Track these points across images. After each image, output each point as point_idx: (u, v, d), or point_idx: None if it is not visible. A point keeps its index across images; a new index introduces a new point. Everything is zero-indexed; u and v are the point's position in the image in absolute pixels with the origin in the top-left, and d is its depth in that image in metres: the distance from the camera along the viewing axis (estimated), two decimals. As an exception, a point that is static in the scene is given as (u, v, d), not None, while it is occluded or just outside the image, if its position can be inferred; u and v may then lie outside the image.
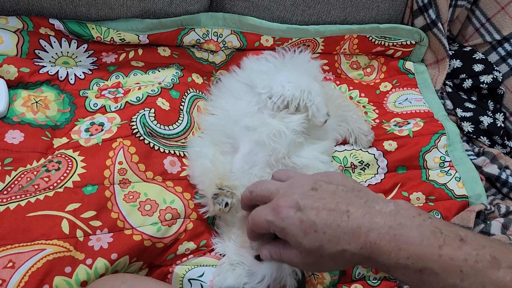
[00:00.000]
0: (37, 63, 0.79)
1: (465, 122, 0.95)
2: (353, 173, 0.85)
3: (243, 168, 0.72)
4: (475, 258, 0.41)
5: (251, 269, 0.65)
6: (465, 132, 0.95)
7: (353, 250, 0.46)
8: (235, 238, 0.68)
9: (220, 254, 0.68)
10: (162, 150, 0.73)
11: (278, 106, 0.75)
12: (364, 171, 0.85)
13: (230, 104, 0.79)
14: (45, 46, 0.80)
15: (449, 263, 0.42)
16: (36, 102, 0.75)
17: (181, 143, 0.77)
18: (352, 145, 0.87)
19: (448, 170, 0.84)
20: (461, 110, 0.97)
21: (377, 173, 0.85)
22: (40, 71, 0.78)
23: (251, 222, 0.56)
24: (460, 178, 0.83)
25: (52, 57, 0.82)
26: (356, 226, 0.46)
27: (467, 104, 0.98)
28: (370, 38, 1.01)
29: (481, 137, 0.94)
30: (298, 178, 0.55)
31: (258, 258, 0.63)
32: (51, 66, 0.81)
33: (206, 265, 0.67)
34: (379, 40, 1.02)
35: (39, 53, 0.80)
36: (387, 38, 1.02)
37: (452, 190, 0.82)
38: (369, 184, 0.82)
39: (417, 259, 0.43)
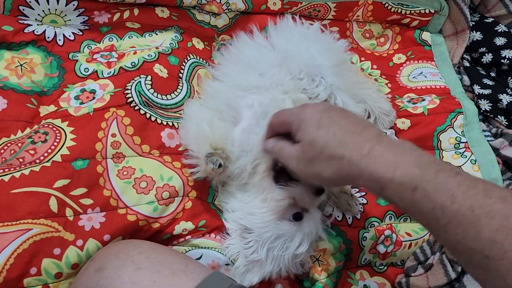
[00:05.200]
0: (21, 21, 0.72)
1: (482, 99, 0.90)
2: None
3: (242, 142, 0.67)
4: (467, 187, 0.42)
5: (283, 233, 0.61)
6: (482, 111, 0.90)
7: (353, 158, 0.47)
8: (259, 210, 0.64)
9: (231, 260, 0.63)
10: (159, 121, 0.67)
11: (300, 86, 0.72)
12: (374, 150, 0.80)
13: (241, 73, 0.73)
14: (30, 2, 0.73)
15: (442, 185, 0.42)
16: (21, 65, 0.68)
17: (180, 114, 0.71)
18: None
19: (464, 152, 0.80)
20: (479, 87, 0.92)
21: (387, 153, 0.80)
22: (25, 30, 0.72)
23: (274, 118, 0.59)
24: (476, 161, 0.78)
25: (39, 14, 0.75)
26: (365, 140, 0.48)
27: (486, 81, 0.93)
28: (386, 4, 0.94)
29: (499, 116, 0.88)
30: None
31: (296, 217, 0.62)
32: (38, 25, 0.74)
33: (204, 247, 0.63)
34: (395, 7, 0.94)
35: (23, 9, 0.73)
36: (405, 6, 0.94)
37: (467, 173, 0.77)
38: (379, 165, 0.78)
39: (413, 178, 0.44)
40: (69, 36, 0.76)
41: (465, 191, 0.42)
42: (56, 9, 0.75)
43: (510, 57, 0.92)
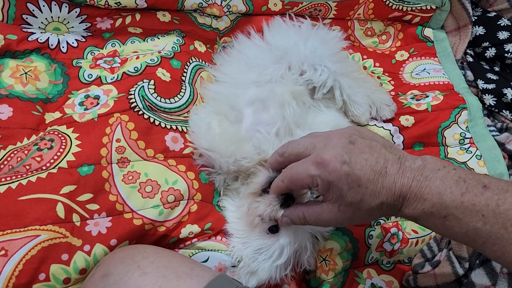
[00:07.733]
0: (25, 30, 0.72)
1: (486, 94, 0.89)
2: (367, 150, 0.80)
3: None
4: (496, 203, 0.43)
5: (261, 246, 0.61)
6: (486, 106, 0.89)
7: (390, 202, 0.49)
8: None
9: (237, 260, 0.63)
10: (163, 125, 0.68)
11: (301, 81, 0.74)
12: (378, 148, 0.80)
13: (240, 73, 0.74)
14: (33, 10, 0.73)
15: (470, 208, 0.44)
16: (26, 73, 0.69)
17: (184, 117, 0.72)
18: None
19: (469, 148, 0.79)
20: (483, 82, 0.91)
21: (392, 150, 0.80)
22: (29, 39, 0.72)
23: (289, 180, 0.54)
24: (481, 156, 0.78)
25: (42, 22, 0.75)
26: (392, 181, 0.48)
27: (489, 75, 0.92)
28: (387, 2, 0.93)
29: (504, 111, 0.88)
30: (330, 133, 0.54)
31: (272, 230, 0.61)
32: (41, 32, 0.74)
33: (211, 250, 0.63)
34: (396, 5, 0.94)
35: (27, 18, 0.73)
36: (406, 2, 0.94)
37: (473, 169, 0.77)
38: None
39: (440, 207, 0.46)
40: (73, 43, 0.76)
41: (494, 209, 0.43)
42: (59, 17, 0.76)
43: (514, 51, 0.91)
